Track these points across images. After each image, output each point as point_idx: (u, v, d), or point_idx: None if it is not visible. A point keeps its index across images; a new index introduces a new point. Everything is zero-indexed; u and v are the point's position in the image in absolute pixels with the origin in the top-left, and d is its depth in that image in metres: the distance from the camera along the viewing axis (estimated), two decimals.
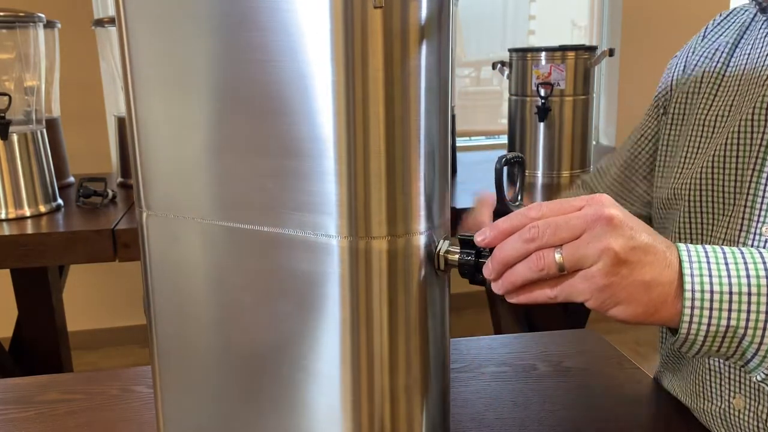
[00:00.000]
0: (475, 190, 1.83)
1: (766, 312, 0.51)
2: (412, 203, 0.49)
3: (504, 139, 2.14)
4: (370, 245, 0.48)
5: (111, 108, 2.47)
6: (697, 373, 0.76)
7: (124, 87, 0.56)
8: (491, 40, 2.96)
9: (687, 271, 0.52)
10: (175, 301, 0.57)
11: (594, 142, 2.13)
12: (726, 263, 0.52)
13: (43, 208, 1.59)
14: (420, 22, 0.46)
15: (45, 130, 1.63)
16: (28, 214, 1.56)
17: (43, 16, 1.68)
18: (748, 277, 0.52)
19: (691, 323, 0.52)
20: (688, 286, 0.51)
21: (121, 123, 1.92)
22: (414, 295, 0.50)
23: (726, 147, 0.72)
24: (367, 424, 0.51)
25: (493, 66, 2.05)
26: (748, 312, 0.51)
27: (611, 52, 1.88)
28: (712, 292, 0.51)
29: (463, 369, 0.89)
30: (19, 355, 1.90)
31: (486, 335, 1.01)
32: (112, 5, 0.54)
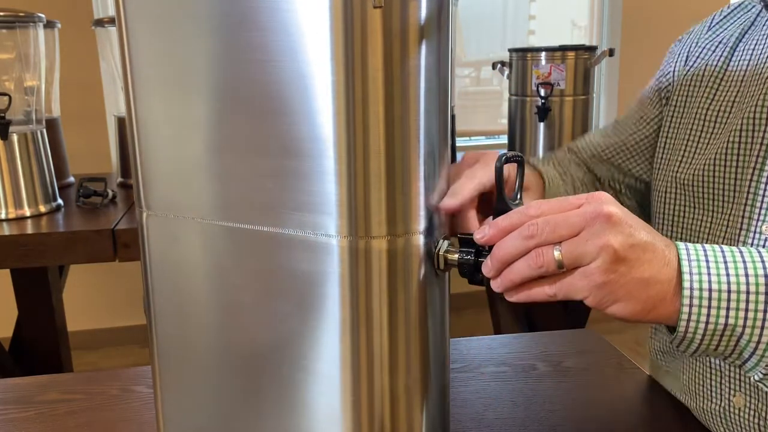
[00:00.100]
0: None
1: (764, 311, 0.51)
2: (411, 203, 0.49)
3: (504, 139, 2.14)
4: (369, 245, 0.48)
5: (111, 108, 2.48)
6: (696, 371, 0.76)
7: (124, 87, 0.56)
8: (491, 40, 2.96)
9: (686, 269, 0.52)
10: (175, 301, 0.57)
11: None
12: (725, 262, 0.52)
13: (43, 208, 1.59)
14: (419, 22, 0.46)
15: (45, 130, 1.63)
16: (28, 214, 1.56)
17: (43, 16, 1.68)
18: (746, 276, 0.52)
19: (689, 321, 0.52)
20: (687, 284, 0.51)
21: (121, 123, 1.92)
22: (414, 294, 0.50)
23: (728, 145, 0.72)
24: (367, 423, 0.51)
25: (493, 66, 2.05)
26: (746, 311, 0.51)
27: (611, 52, 1.88)
28: (710, 291, 0.51)
29: (463, 369, 0.89)
30: (19, 355, 1.90)
31: (486, 335, 1.01)
32: (112, 5, 0.54)
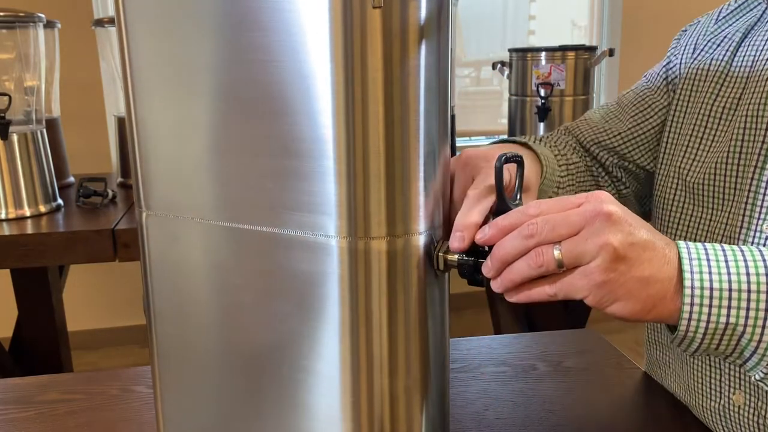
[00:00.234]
0: None
1: (766, 309, 0.51)
2: (411, 203, 0.49)
3: None
4: (369, 245, 0.48)
5: (111, 108, 2.48)
6: (695, 369, 0.76)
7: (123, 87, 0.56)
8: (491, 40, 2.96)
9: (687, 267, 0.52)
10: (174, 301, 0.57)
11: None
12: (726, 261, 0.52)
13: (43, 208, 1.59)
14: (419, 22, 0.46)
15: (45, 130, 1.63)
16: (28, 214, 1.56)
17: (43, 16, 1.68)
18: (747, 274, 0.52)
19: (690, 320, 0.52)
20: (688, 283, 0.51)
21: (121, 123, 1.92)
22: (413, 295, 0.50)
23: (731, 143, 0.72)
24: (367, 424, 0.51)
25: (493, 66, 2.05)
26: (748, 309, 0.51)
27: (611, 52, 1.88)
28: (711, 289, 0.51)
29: (463, 369, 0.89)
30: (19, 355, 1.90)
31: (486, 335, 1.01)
32: (112, 5, 0.54)
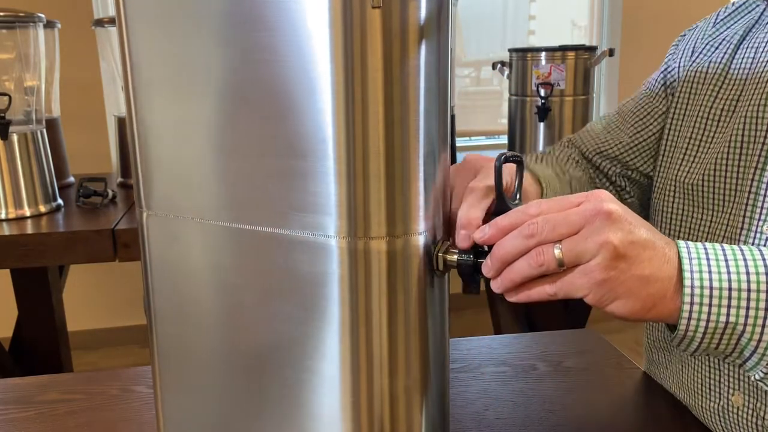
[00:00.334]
0: None
1: (765, 309, 0.51)
2: (411, 204, 0.49)
3: (504, 139, 2.14)
4: (369, 246, 0.48)
5: (111, 108, 2.48)
6: (695, 369, 0.76)
7: (124, 87, 0.56)
8: (491, 40, 2.96)
9: (686, 267, 0.52)
10: (175, 301, 0.57)
11: None
12: (726, 260, 0.52)
13: (43, 208, 1.59)
14: (419, 22, 0.46)
15: (45, 130, 1.63)
16: (28, 214, 1.56)
17: (43, 16, 1.68)
18: (747, 274, 0.52)
19: (690, 319, 0.52)
20: (688, 282, 0.51)
21: (121, 123, 1.92)
22: (413, 295, 0.50)
23: (729, 144, 0.72)
24: (367, 424, 0.51)
25: (493, 66, 2.05)
26: (747, 309, 0.51)
27: (611, 52, 1.88)
28: (711, 288, 0.51)
29: (463, 369, 0.89)
30: (19, 355, 1.90)
31: (486, 335, 1.01)
32: (112, 5, 0.54)
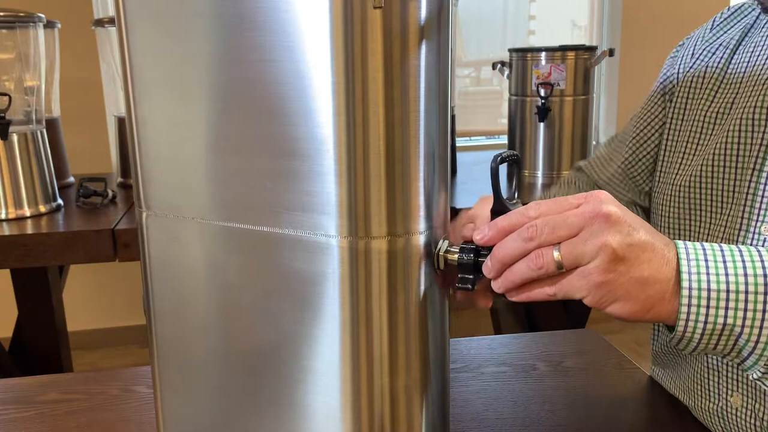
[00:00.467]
0: (475, 190, 1.84)
1: (763, 310, 0.51)
2: (411, 203, 0.49)
3: (504, 139, 2.14)
4: (369, 245, 0.48)
5: (111, 108, 2.48)
6: (694, 370, 0.76)
7: (123, 87, 0.56)
8: (491, 40, 2.96)
9: (684, 268, 0.52)
10: (174, 301, 0.57)
11: (594, 142, 2.13)
12: (724, 261, 0.52)
13: (43, 208, 1.59)
14: (419, 23, 0.46)
15: (45, 130, 1.63)
16: (28, 214, 1.56)
17: (43, 16, 1.68)
18: (745, 275, 0.52)
19: (687, 321, 0.52)
20: (686, 284, 0.51)
21: (121, 123, 1.92)
22: (414, 295, 0.50)
23: (725, 146, 0.72)
24: (367, 423, 0.51)
25: (493, 66, 2.05)
26: (745, 310, 0.51)
27: (611, 52, 1.88)
28: (709, 290, 0.51)
29: (463, 369, 0.89)
30: (19, 355, 1.90)
31: (486, 335, 1.01)
32: (112, 5, 0.54)
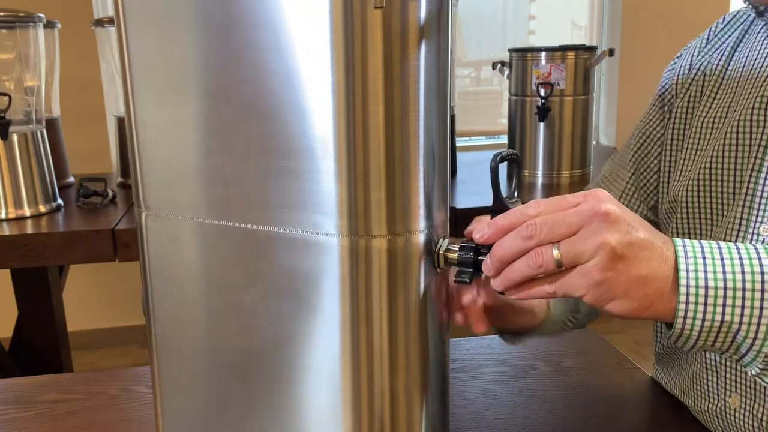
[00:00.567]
0: (475, 190, 1.84)
1: (761, 308, 0.51)
2: (411, 202, 0.49)
3: (504, 139, 2.14)
4: (369, 244, 0.48)
5: (111, 108, 2.48)
6: (693, 371, 0.76)
7: (123, 87, 0.56)
8: (491, 40, 2.96)
9: (682, 266, 0.52)
10: (174, 300, 0.57)
11: (594, 142, 2.13)
12: (722, 259, 0.52)
13: (43, 208, 1.59)
14: (420, 23, 0.46)
15: (45, 130, 1.63)
16: (28, 214, 1.56)
17: (43, 16, 1.68)
18: (743, 273, 0.52)
19: (685, 318, 0.52)
20: (683, 282, 0.51)
21: (121, 123, 1.92)
22: (414, 293, 0.51)
23: (724, 147, 0.72)
24: (367, 423, 0.51)
25: (493, 66, 2.05)
26: (743, 308, 0.51)
27: (611, 52, 1.88)
28: (706, 288, 0.51)
29: (462, 369, 0.89)
30: (19, 355, 1.90)
31: (486, 335, 1.01)
32: (112, 5, 0.54)
